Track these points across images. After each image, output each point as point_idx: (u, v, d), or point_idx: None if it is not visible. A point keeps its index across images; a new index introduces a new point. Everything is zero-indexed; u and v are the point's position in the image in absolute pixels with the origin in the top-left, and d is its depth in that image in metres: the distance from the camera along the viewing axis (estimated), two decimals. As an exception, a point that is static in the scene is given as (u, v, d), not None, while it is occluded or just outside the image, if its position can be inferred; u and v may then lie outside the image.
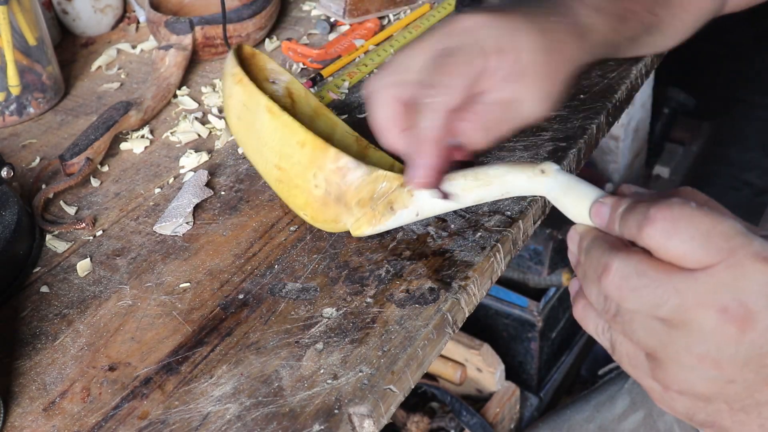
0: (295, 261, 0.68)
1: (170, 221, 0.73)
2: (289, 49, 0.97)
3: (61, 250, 0.74)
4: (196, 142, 0.85)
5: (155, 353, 0.62)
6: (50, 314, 0.67)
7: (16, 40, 0.89)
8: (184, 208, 0.74)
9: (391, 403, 0.57)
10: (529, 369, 1.47)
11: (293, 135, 0.64)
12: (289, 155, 0.64)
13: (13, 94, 0.91)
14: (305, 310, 0.64)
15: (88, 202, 0.79)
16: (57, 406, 0.60)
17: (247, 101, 0.66)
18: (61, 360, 0.63)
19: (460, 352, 1.33)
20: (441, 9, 1.00)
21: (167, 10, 1.00)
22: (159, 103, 0.90)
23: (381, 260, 0.67)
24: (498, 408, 1.32)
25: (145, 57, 1.02)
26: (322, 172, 0.63)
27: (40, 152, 0.87)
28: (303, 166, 0.64)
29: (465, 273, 0.64)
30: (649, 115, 1.81)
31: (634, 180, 1.85)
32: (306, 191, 0.65)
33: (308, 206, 0.66)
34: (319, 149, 0.63)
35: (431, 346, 0.61)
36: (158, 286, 0.68)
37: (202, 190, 0.76)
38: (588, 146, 0.78)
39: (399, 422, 1.29)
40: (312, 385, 0.57)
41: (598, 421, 0.90)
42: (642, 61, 0.85)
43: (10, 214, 0.73)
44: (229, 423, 0.56)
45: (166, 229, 0.73)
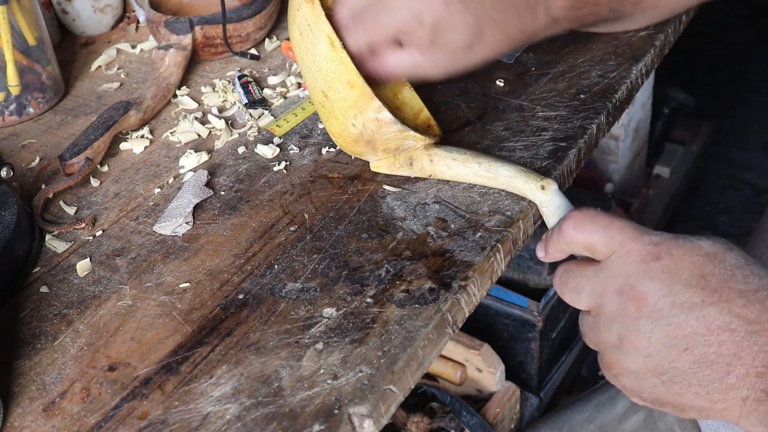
0: (295, 261, 0.68)
1: (170, 221, 0.73)
2: (289, 49, 0.97)
3: (60, 250, 0.74)
4: (196, 142, 0.85)
5: (155, 353, 0.62)
6: (50, 314, 0.67)
7: (16, 40, 0.89)
8: (184, 208, 0.74)
9: (391, 403, 0.57)
10: (530, 369, 1.47)
11: (346, 73, 0.68)
12: (337, 90, 0.69)
13: (13, 94, 0.90)
14: (305, 310, 0.63)
15: (87, 202, 0.79)
16: (57, 407, 0.60)
17: (312, 24, 0.69)
18: (61, 360, 0.63)
19: (460, 352, 1.33)
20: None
21: (167, 10, 1.00)
22: (159, 103, 0.90)
23: (381, 260, 0.67)
24: (498, 408, 1.32)
25: (144, 57, 1.02)
26: (362, 116, 0.69)
27: (40, 152, 0.87)
28: (347, 104, 0.69)
29: (465, 273, 0.64)
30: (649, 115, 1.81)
31: (635, 180, 1.84)
32: (343, 125, 0.70)
33: (341, 137, 0.72)
34: (366, 96, 0.68)
35: (431, 346, 0.61)
36: (158, 286, 0.68)
37: (202, 190, 0.76)
38: (588, 146, 0.78)
39: (399, 422, 1.29)
40: (312, 386, 0.57)
41: (598, 421, 0.90)
42: (642, 61, 0.85)
43: (9, 214, 0.73)
44: (229, 423, 0.56)
45: (166, 229, 0.73)
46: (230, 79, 0.94)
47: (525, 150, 0.75)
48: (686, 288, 0.52)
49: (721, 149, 2.25)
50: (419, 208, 0.71)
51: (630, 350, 0.53)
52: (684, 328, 0.51)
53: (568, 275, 0.58)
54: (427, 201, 0.72)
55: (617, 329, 0.54)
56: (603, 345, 0.55)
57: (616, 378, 0.56)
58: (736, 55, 2.56)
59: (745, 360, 0.50)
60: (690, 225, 2.06)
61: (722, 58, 2.55)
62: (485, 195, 0.71)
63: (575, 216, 0.57)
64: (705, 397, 0.52)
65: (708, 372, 0.51)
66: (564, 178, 0.75)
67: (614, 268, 0.54)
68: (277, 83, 0.93)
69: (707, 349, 0.51)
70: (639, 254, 0.54)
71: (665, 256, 0.53)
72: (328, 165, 0.78)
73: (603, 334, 0.55)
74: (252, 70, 0.95)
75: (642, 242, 0.54)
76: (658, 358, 0.52)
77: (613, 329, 0.54)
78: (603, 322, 0.55)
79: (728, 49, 2.56)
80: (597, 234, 0.56)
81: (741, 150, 2.28)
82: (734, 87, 2.46)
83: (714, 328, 0.51)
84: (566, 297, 0.58)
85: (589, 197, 1.53)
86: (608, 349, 0.55)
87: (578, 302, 0.57)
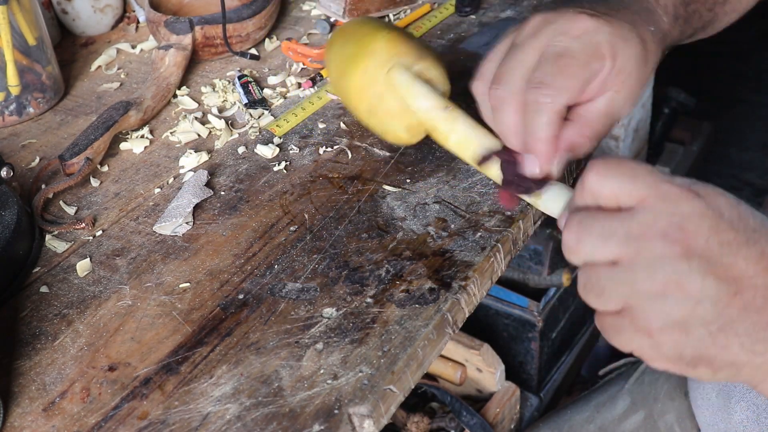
0: (295, 261, 0.68)
1: (170, 221, 0.73)
2: (289, 49, 0.97)
3: (60, 250, 0.74)
4: (196, 142, 0.85)
5: (155, 353, 0.62)
6: (50, 314, 0.67)
7: (16, 40, 0.89)
8: (184, 208, 0.74)
9: (391, 403, 0.57)
10: (530, 369, 1.47)
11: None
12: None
13: (13, 94, 0.90)
14: (305, 310, 0.63)
15: (87, 202, 0.79)
16: (57, 407, 0.60)
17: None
18: (61, 360, 0.63)
19: (460, 352, 1.33)
20: (443, 9, 1.00)
21: (167, 10, 1.00)
22: (159, 103, 0.90)
23: (381, 260, 0.67)
24: (498, 408, 1.32)
25: (144, 57, 1.02)
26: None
27: (40, 152, 0.87)
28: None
29: (465, 273, 0.64)
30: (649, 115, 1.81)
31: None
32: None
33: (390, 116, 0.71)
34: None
35: (431, 346, 0.61)
36: (158, 286, 0.68)
37: (202, 190, 0.76)
38: (588, 146, 0.77)
39: (399, 422, 1.29)
40: (312, 386, 0.57)
41: (598, 421, 0.90)
42: (642, 60, 0.85)
43: (9, 214, 0.73)
44: (229, 423, 0.56)
45: (166, 229, 0.73)
46: (230, 79, 0.94)
47: (525, 150, 0.75)
48: (730, 227, 0.48)
49: (721, 149, 2.25)
50: (419, 208, 0.71)
51: (679, 298, 0.48)
52: (733, 270, 0.48)
53: (593, 221, 0.50)
54: (427, 201, 0.72)
55: (663, 275, 0.48)
56: (641, 297, 0.49)
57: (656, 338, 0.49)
58: (736, 55, 2.56)
59: None
60: (690, 225, 2.06)
61: (722, 58, 2.55)
62: (485, 195, 0.71)
63: (597, 164, 0.51)
64: (749, 348, 0.49)
65: (756, 318, 0.48)
66: (564, 179, 0.75)
67: (655, 209, 0.49)
68: (277, 83, 0.93)
69: (755, 292, 0.48)
70: (678, 194, 0.49)
71: (703, 194, 0.49)
72: (328, 165, 0.78)
73: (642, 283, 0.49)
74: (252, 70, 0.95)
75: (676, 183, 0.49)
76: (710, 303, 0.48)
77: (657, 276, 0.48)
78: (643, 269, 0.49)
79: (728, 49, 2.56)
80: (625, 178, 0.50)
81: (741, 150, 2.28)
82: (734, 87, 2.46)
83: (760, 269, 0.48)
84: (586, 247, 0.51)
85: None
86: (648, 301, 0.49)
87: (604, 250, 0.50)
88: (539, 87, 0.59)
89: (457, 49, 0.93)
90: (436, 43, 0.95)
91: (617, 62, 0.60)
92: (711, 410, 0.81)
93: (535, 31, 0.62)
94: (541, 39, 0.61)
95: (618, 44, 0.60)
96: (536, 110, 0.59)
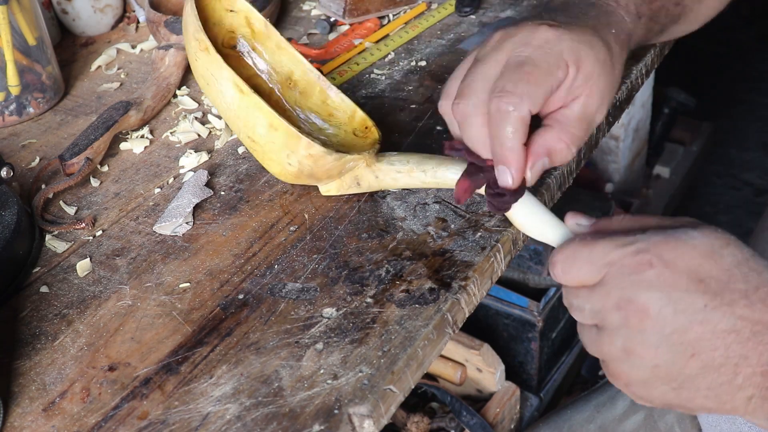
0: (295, 261, 0.68)
1: (170, 221, 0.73)
2: (289, 49, 0.97)
3: (60, 250, 0.74)
4: (196, 142, 0.85)
5: (155, 353, 0.62)
6: (50, 314, 0.67)
7: (16, 40, 0.89)
8: (184, 208, 0.74)
9: (391, 403, 0.57)
10: (530, 369, 1.47)
11: (265, 117, 0.66)
12: (262, 134, 0.67)
13: (13, 94, 0.90)
14: (305, 310, 0.63)
15: (87, 202, 0.79)
16: (57, 407, 0.60)
17: (215, 72, 0.67)
18: (61, 360, 0.63)
19: (460, 352, 1.33)
20: (441, 9, 1.00)
21: (167, 10, 1.00)
22: (159, 103, 0.90)
23: (381, 260, 0.67)
24: (498, 408, 1.32)
25: (144, 57, 1.02)
26: (295, 155, 0.67)
27: (40, 152, 0.87)
28: (276, 146, 0.67)
29: (465, 273, 0.64)
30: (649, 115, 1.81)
31: (635, 180, 1.84)
32: (280, 165, 0.68)
33: (282, 175, 0.70)
34: (292, 137, 0.66)
35: (431, 346, 0.61)
36: (158, 286, 0.68)
37: (202, 190, 0.76)
38: (588, 146, 0.78)
39: (399, 422, 1.29)
40: (312, 386, 0.57)
41: (598, 421, 0.90)
42: (642, 61, 0.85)
43: (9, 214, 0.73)
44: (229, 423, 0.56)
45: (166, 229, 0.73)
46: (230, 79, 0.94)
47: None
48: (686, 294, 0.51)
49: (721, 149, 2.25)
50: (419, 208, 0.71)
51: (637, 362, 0.53)
52: (689, 334, 0.51)
53: (569, 296, 0.57)
54: (427, 201, 0.72)
55: (622, 342, 0.53)
56: (608, 357, 0.55)
57: (626, 387, 0.55)
58: (736, 55, 2.56)
59: (750, 360, 0.51)
60: (690, 225, 2.06)
61: (722, 58, 2.55)
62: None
63: (557, 260, 0.56)
64: (714, 399, 0.52)
65: (716, 375, 0.51)
66: (564, 178, 0.75)
67: (608, 286, 0.53)
68: (277, 83, 0.93)
69: (714, 353, 0.51)
70: (629, 267, 0.52)
71: (658, 262, 0.52)
72: (328, 165, 0.78)
73: (607, 347, 0.54)
74: (252, 70, 0.95)
75: (629, 253, 0.53)
76: (666, 366, 0.52)
77: (617, 342, 0.53)
78: (606, 336, 0.54)
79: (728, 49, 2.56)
80: (583, 268, 0.55)
81: (741, 150, 2.28)
82: (734, 87, 2.46)
83: (719, 331, 0.51)
84: (573, 314, 0.58)
85: (589, 197, 1.53)
86: (614, 362, 0.54)
87: (583, 320, 0.56)
88: (501, 96, 0.59)
89: (456, 49, 0.93)
90: (436, 43, 0.95)
91: (583, 68, 0.61)
92: None
93: (496, 45, 0.62)
94: (502, 52, 0.61)
95: (581, 50, 0.61)
96: (501, 119, 0.59)
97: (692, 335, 0.51)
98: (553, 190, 0.73)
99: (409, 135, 0.80)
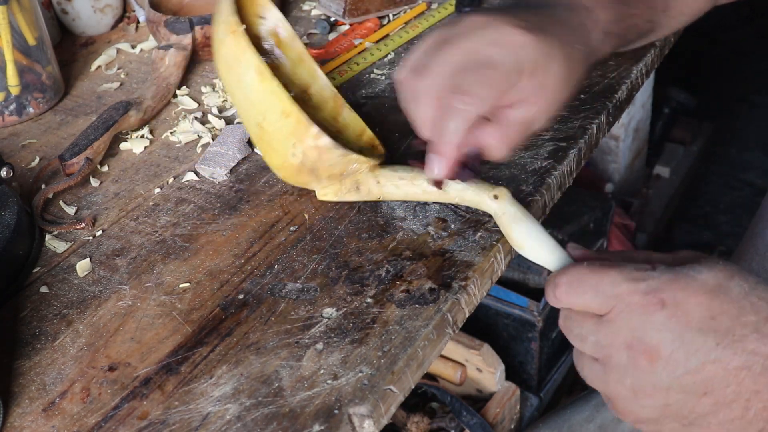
0: (295, 261, 0.68)
1: (212, 167, 0.76)
2: (289, 49, 0.97)
3: (60, 250, 0.74)
4: (196, 142, 0.85)
5: (155, 353, 0.62)
6: (50, 314, 0.67)
7: (16, 40, 0.89)
8: (228, 160, 0.78)
9: (391, 403, 0.57)
10: (529, 369, 1.47)
11: (279, 103, 0.66)
12: (272, 121, 0.66)
13: (13, 94, 0.90)
14: (305, 310, 0.63)
15: (87, 202, 0.79)
16: (57, 407, 0.60)
17: (239, 55, 0.67)
18: (61, 360, 0.63)
19: (460, 352, 1.33)
20: (441, 9, 1.00)
21: (167, 10, 1.00)
22: (159, 103, 0.90)
23: (381, 260, 0.67)
24: (498, 408, 1.32)
25: (144, 57, 1.02)
26: (301, 145, 0.66)
27: (40, 152, 0.87)
28: (284, 134, 0.66)
29: (465, 273, 0.64)
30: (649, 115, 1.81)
31: (635, 180, 1.84)
32: (283, 156, 0.68)
33: (283, 169, 0.69)
34: (302, 124, 0.66)
35: (431, 346, 0.61)
36: (158, 287, 0.68)
37: (246, 147, 0.79)
38: (588, 146, 0.78)
39: (399, 422, 1.29)
40: (312, 386, 0.57)
41: (598, 421, 0.90)
42: (642, 61, 0.85)
43: (9, 214, 0.73)
44: (229, 423, 0.56)
45: (206, 172, 0.77)
46: (230, 79, 0.94)
47: (525, 150, 0.75)
48: (698, 334, 0.51)
49: (721, 149, 2.25)
50: (419, 208, 0.71)
51: (647, 402, 0.52)
52: (701, 374, 0.51)
53: (570, 323, 0.56)
54: (427, 201, 0.72)
55: (631, 382, 0.52)
56: (615, 396, 0.54)
57: (635, 424, 0.55)
58: (736, 55, 2.56)
59: (762, 395, 0.50)
60: (690, 225, 2.06)
61: (722, 58, 2.55)
62: (485, 195, 0.71)
63: (562, 282, 0.55)
64: None
65: (728, 411, 0.51)
66: (564, 178, 0.75)
67: (617, 323, 0.52)
68: (277, 83, 0.93)
69: (726, 390, 0.51)
70: (640, 306, 0.52)
71: (669, 302, 0.51)
72: (328, 165, 0.78)
73: (614, 385, 0.53)
74: (252, 70, 0.95)
75: (640, 292, 0.52)
76: (677, 405, 0.52)
77: (626, 382, 0.52)
78: (614, 374, 0.53)
79: (728, 49, 2.56)
80: (589, 294, 0.54)
81: (741, 150, 2.28)
82: (734, 87, 2.46)
83: (731, 369, 0.50)
84: (571, 341, 0.56)
85: (589, 197, 1.53)
86: (622, 400, 0.54)
87: (584, 348, 0.55)
88: (458, 93, 0.60)
89: (457, 49, 0.93)
90: (436, 43, 0.95)
91: (538, 77, 0.62)
92: None
93: (467, 31, 0.62)
94: (470, 41, 0.62)
95: (540, 61, 0.62)
96: (451, 114, 0.60)
97: (704, 375, 0.51)
98: (554, 190, 0.73)
99: (409, 135, 0.80)
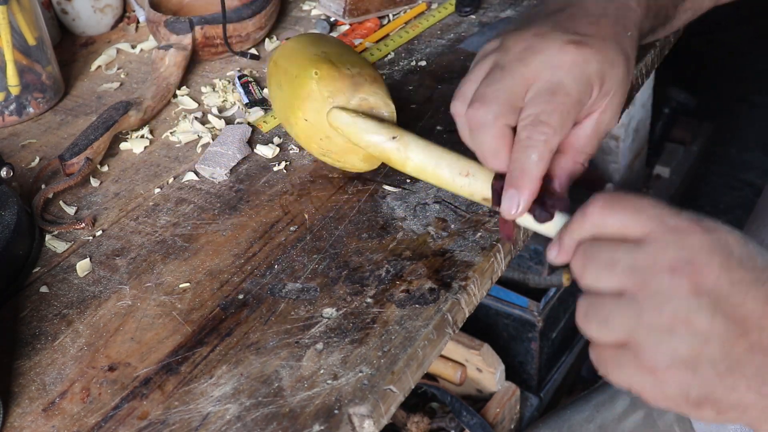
0: (295, 261, 0.68)
1: (212, 167, 0.76)
2: (289, 49, 0.97)
3: (60, 250, 0.74)
4: (196, 142, 0.85)
5: (155, 353, 0.62)
6: (50, 314, 0.67)
7: (16, 40, 0.89)
8: (228, 160, 0.78)
9: (391, 403, 0.57)
10: (530, 369, 1.47)
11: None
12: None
13: (13, 94, 0.90)
14: (305, 310, 0.63)
15: (87, 202, 0.79)
16: (57, 407, 0.60)
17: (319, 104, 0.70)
18: (61, 360, 0.63)
19: (460, 352, 1.33)
20: (441, 9, 1.00)
21: (167, 10, 1.00)
22: (159, 103, 0.90)
23: (381, 260, 0.67)
24: (498, 408, 1.32)
25: (144, 57, 1.02)
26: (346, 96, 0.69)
27: (40, 152, 0.87)
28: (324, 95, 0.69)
29: (465, 273, 0.64)
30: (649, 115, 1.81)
31: (635, 180, 1.85)
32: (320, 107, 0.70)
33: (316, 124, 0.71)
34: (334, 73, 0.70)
35: (431, 346, 0.61)
36: (158, 287, 0.68)
37: (246, 147, 0.80)
38: (588, 146, 0.77)
39: (399, 422, 1.29)
40: (312, 386, 0.57)
41: (598, 421, 0.90)
42: (642, 61, 0.85)
43: (9, 214, 0.73)
44: (229, 423, 0.56)
45: (206, 171, 0.77)
46: (230, 79, 0.94)
47: (525, 150, 0.75)
48: (739, 265, 0.47)
49: (721, 149, 2.25)
50: (419, 208, 0.71)
51: (687, 335, 0.47)
52: (741, 310, 0.47)
53: (598, 249, 0.50)
54: (427, 201, 0.72)
55: (671, 310, 0.46)
56: (646, 331, 0.47)
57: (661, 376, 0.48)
58: (736, 55, 2.56)
59: None
60: (690, 225, 2.06)
61: (722, 58, 2.55)
62: (485, 195, 0.71)
63: (601, 198, 0.51)
64: (756, 390, 0.48)
65: (762, 359, 0.47)
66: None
67: (663, 241, 0.48)
68: (277, 83, 0.93)
69: (761, 333, 0.47)
70: (687, 228, 0.48)
71: (713, 230, 0.48)
72: (328, 165, 0.78)
73: (648, 316, 0.47)
74: (252, 70, 0.95)
75: (682, 217, 0.48)
76: (719, 343, 0.47)
77: (665, 310, 0.47)
78: (649, 302, 0.47)
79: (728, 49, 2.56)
80: (629, 212, 0.49)
81: (741, 150, 2.28)
82: (734, 87, 2.46)
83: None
84: (591, 273, 0.50)
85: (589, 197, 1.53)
86: (654, 336, 0.47)
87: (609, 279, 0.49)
88: (536, 125, 0.58)
89: (456, 49, 0.93)
90: (436, 43, 0.95)
91: (604, 87, 0.60)
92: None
93: (521, 57, 0.60)
94: (529, 68, 0.59)
95: (605, 70, 0.60)
96: (530, 146, 0.57)
97: (744, 311, 0.47)
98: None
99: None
